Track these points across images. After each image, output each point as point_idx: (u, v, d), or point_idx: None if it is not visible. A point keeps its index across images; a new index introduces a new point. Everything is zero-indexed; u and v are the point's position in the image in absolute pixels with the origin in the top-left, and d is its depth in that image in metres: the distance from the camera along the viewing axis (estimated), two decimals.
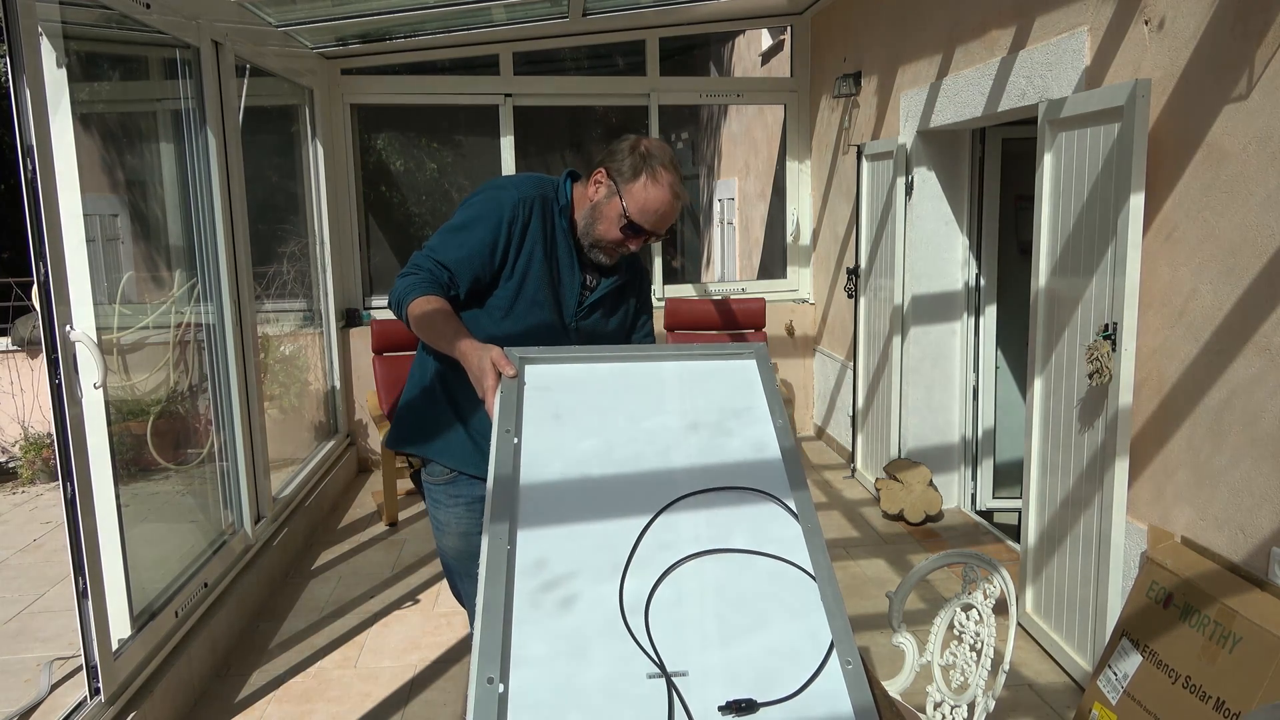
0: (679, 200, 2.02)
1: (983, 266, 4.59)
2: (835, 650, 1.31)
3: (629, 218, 2.01)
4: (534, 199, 2.05)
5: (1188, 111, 2.65)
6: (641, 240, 2.05)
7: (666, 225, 2.04)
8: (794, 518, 1.51)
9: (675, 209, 2.03)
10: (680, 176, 2.04)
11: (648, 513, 1.50)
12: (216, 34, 3.67)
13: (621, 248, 2.07)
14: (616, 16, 5.55)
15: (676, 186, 2.01)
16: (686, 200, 2.07)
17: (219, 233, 3.67)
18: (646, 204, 2.00)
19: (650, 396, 1.73)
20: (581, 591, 1.36)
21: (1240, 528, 2.51)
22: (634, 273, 2.26)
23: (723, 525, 1.49)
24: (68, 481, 2.48)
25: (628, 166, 2.00)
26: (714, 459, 1.61)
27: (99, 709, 2.61)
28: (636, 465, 1.58)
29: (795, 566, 1.43)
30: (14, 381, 6.04)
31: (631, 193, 2.00)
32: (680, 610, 1.35)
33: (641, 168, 1.99)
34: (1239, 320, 2.49)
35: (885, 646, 3.23)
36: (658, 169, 1.99)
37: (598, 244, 2.07)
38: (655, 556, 1.42)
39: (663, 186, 1.99)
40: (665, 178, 1.99)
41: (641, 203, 2.00)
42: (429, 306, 1.91)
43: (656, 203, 2.00)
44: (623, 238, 2.04)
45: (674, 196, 2.01)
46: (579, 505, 1.50)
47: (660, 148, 2.03)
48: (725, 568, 1.42)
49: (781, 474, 1.58)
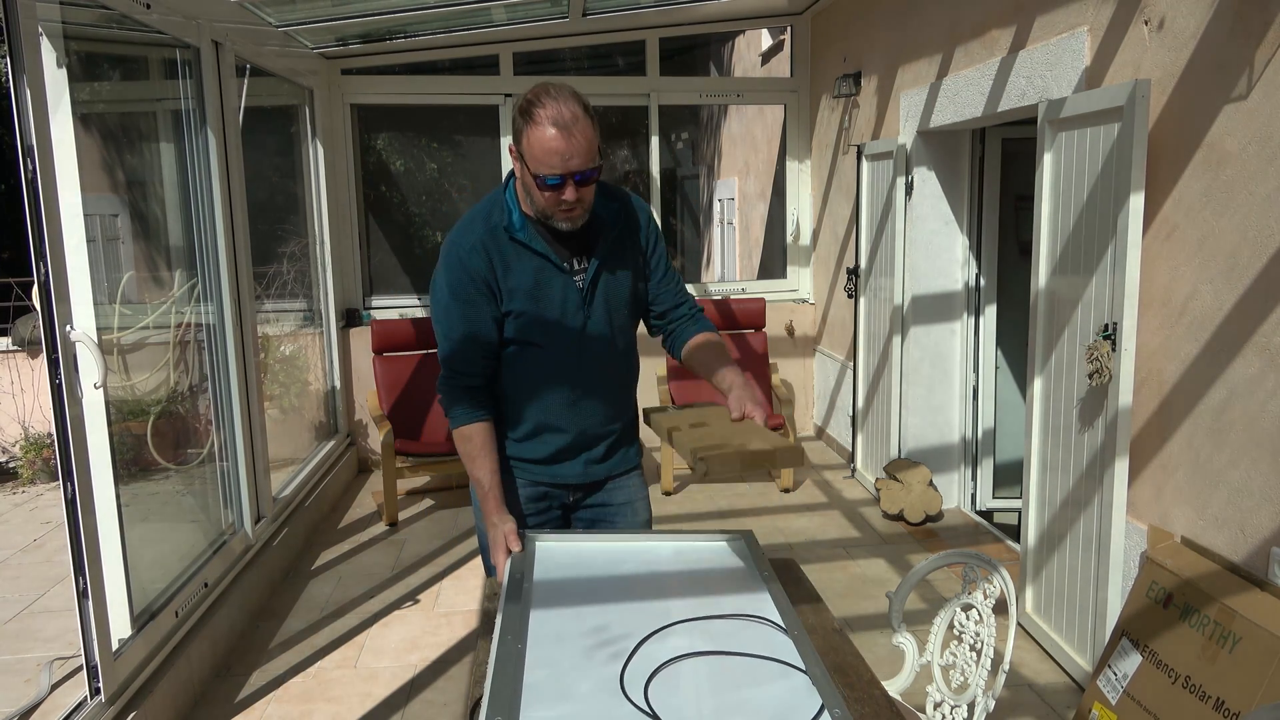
0: (572, 128, 1.79)
1: (983, 266, 4.59)
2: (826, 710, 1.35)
3: (534, 175, 1.85)
4: (480, 241, 1.95)
5: (1188, 111, 2.65)
6: (568, 189, 1.85)
7: (577, 161, 1.82)
8: (783, 632, 1.60)
9: (572, 138, 1.80)
10: (571, 101, 1.82)
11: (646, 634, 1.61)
12: (216, 34, 3.67)
13: (563, 206, 1.88)
14: (616, 16, 5.55)
15: (561, 116, 1.79)
16: (586, 120, 1.82)
17: (219, 233, 3.67)
18: (537, 153, 1.81)
19: (648, 571, 1.90)
20: (582, 680, 1.45)
21: (1240, 528, 2.51)
22: (625, 219, 2.07)
23: (717, 637, 1.59)
24: (68, 481, 2.48)
25: (517, 128, 1.86)
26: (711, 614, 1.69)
27: (99, 709, 2.61)
28: (634, 611, 1.70)
29: (788, 665, 1.48)
30: (14, 381, 6.04)
31: (526, 150, 1.84)
32: (677, 689, 1.42)
33: (522, 122, 1.83)
34: (1239, 320, 2.49)
35: (885, 646, 3.23)
36: (535, 111, 1.80)
37: (544, 215, 1.93)
38: (653, 652, 1.53)
39: (543, 125, 1.79)
40: (545, 114, 1.79)
41: (535, 154, 1.82)
42: (465, 447, 2.05)
43: (543, 146, 1.80)
44: (553, 196, 1.87)
45: (559, 128, 1.79)
46: (580, 632, 1.61)
47: (539, 88, 1.83)
48: (721, 662, 1.50)
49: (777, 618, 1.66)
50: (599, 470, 2.17)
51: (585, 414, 2.10)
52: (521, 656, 1.49)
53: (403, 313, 5.86)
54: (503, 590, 1.73)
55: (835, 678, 1.50)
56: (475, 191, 7.77)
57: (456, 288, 1.95)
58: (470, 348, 1.99)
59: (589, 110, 1.85)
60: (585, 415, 2.10)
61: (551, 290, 1.99)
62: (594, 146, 1.85)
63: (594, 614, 1.65)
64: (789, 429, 5.03)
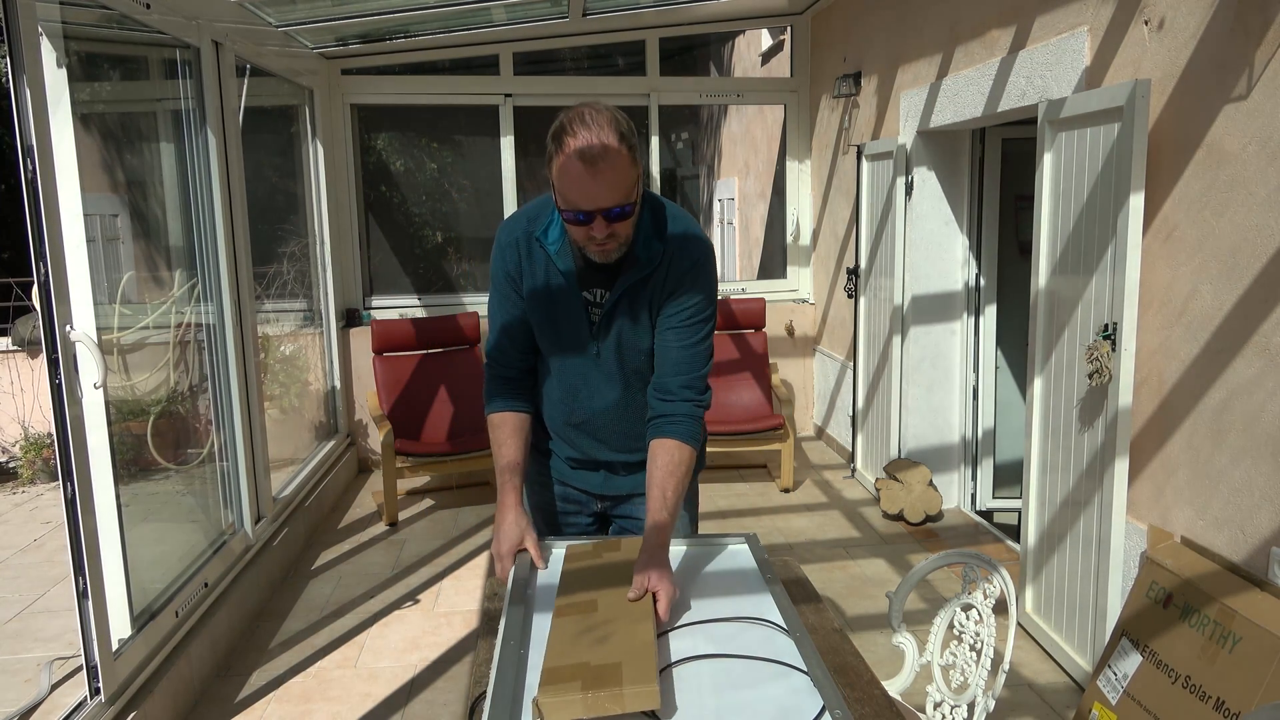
0: (600, 161, 1.60)
1: (983, 266, 4.59)
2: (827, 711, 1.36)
3: (560, 208, 1.70)
4: (517, 239, 1.88)
5: (1188, 111, 2.65)
6: (595, 227, 1.67)
7: (606, 198, 1.63)
8: (785, 633, 1.59)
9: (599, 175, 1.61)
10: (607, 130, 1.62)
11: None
12: (216, 34, 3.67)
13: (593, 242, 1.71)
14: (616, 16, 5.55)
15: (591, 147, 1.60)
16: (620, 151, 1.63)
17: (219, 233, 3.67)
18: (561, 186, 1.66)
19: None
20: None
21: (1240, 528, 2.51)
22: (664, 264, 1.83)
23: (720, 639, 1.58)
24: (68, 481, 2.48)
25: (549, 152, 1.67)
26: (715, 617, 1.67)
27: (99, 709, 2.61)
28: None
29: (790, 666, 1.48)
30: (14, 381, 6.04)
31: (554, 179, 1.67)
32: (679, 691, 1.41)
33: (553, 148, 1.65)
34: (1239, 320, 2.49)
35: (885, 646, 3.23)
36: (565, 139, 1.62)
37: (579, 247, 1.79)
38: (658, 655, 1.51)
39: (568, 156, 1.61)
40: (574, 144, 1.61)
41: (560, 187, 1.66)
42: (491, 434, 1.99)
43: (568, 180, 1.63)
44: (581, 232, 1.71)
45: (586, 163, 1.60)
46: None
47: (576, 111, 1.64)
48: (723, 664, 1.50)
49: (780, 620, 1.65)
50: (622, 484, 2.10)
51: (595, 442, 2.04)
52: (524, 661, 1.49)
53: (403, 313, 5.86)
54: (507, 594, 1.73)
55: (836, 678, 1.50)
56: (475, 191, 7.77)
57: (495, 278, 1.94)
58: (505, 338, 1.96)
59: (628, 138, 1.65)
60: (595, 443, 2.04)
61: (567, 312, 1.89)
62: (628, 181, 1.66)
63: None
64: (789, 429, 5.03)
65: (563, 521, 2.14)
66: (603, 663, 1.37)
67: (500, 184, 5.93)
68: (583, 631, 1.49)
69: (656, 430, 1.89)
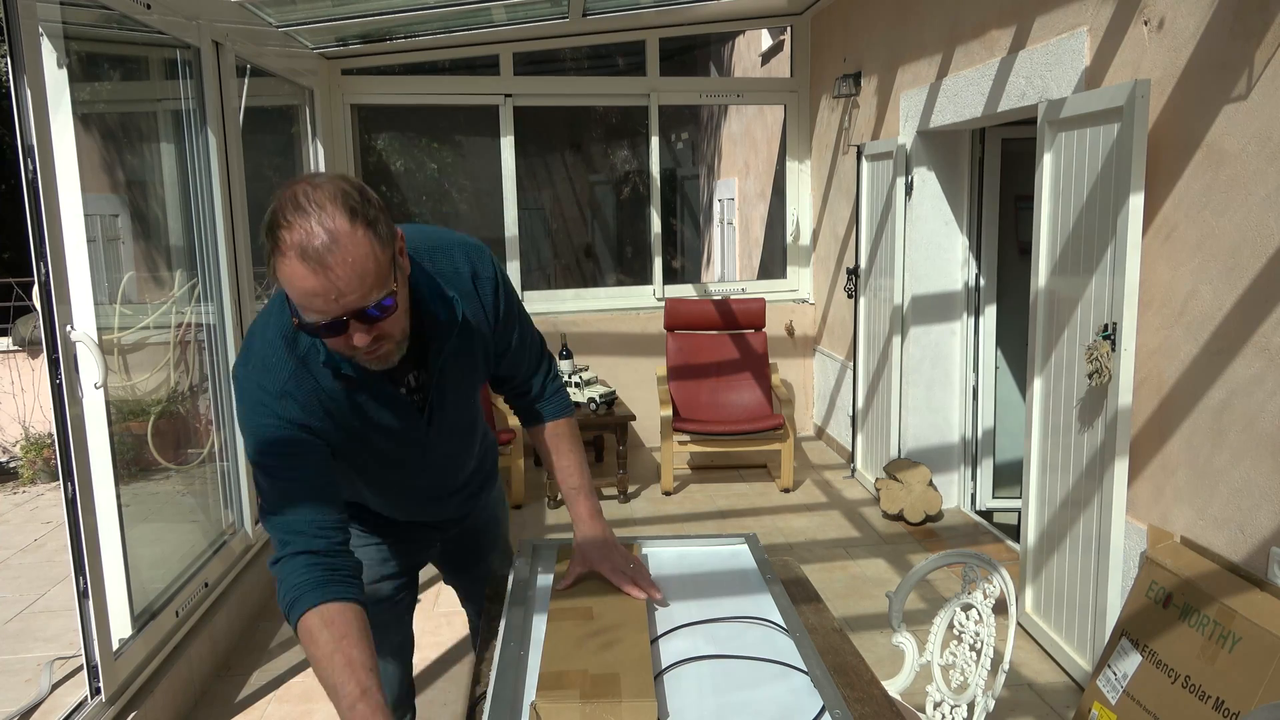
0: (327, 256, 1.23)
1: (983, 266, 4.59)
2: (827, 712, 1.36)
3: (299, 325, 1.34)
4: (285, 381, 1.46)
5: (1187, 111, 2.65)
6: (354, 334, 1.31)
7: (347, 298, 1.26)
8: (785, 633, 1.59)
9: (330, 272, 1.23)
10: (329, 209, 1.24)
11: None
12: (217, 34, 3.67)
13: (360, 354, 1.37)
14: (616, 16, 5.55)
15: (310, 241, 1.22)
16: (355, 232, 1.25)
17: (219, 233, 3.68)
18: (291, 292, 1.28)
19: (652, 574, 1.84)
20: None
21: (1240, 528, 2.51)
22: (470, 311, 1.58)
23: (720, 639, 1.58)
24: (68, 481, 2.48)
25: (265, 252, 1.29)
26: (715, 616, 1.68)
27: (99, 709, 2.61)
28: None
29: (790, 666, 1.48)
30: (14, 381, 6.04)
31: (282, 285, 1.29)
32: (680, 691, 1.42)
33: (269, 247, 1.27)
34: (1239, 320, 2.49)
35: (885, 646, 3.24)
36: (279, 233, 1.24)
37: (344, 361, 1.44)
38: (657, 655, 1.53)
39: (287, 256, 1.24)
40: (290, 239, 1.23)
41: (292, 295, 1.28)
42: (320, 639, 1.36)
43: (293, 286, 1.26)
44: (339, 343, 1.35)
45: (305, 261, 1.23)
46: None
47: (287, 196, 1.26)
48: (723, 664, 1.50)
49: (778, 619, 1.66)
50: (465, 506, 1.98)
51: (447, 496, 1.89)
52: (524, 662, 1.49)
53: None
54: (507, 595, 1.73)
55: (836, 678, 1.50)
56: (475, 192, 7.77)
57: (273, 441, 1.46)
58: (318, 502, 1.47)
59: (362, 211, 1.27)
60: (446, 498, 1.89)
61: (385, 418, 1.57)
62: (377, 269, 1.28)
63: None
64: (789, 429, 5.03)
65: (377, 610, 1.86)
66: (601, 672, 1.38)
67: (500, 184, 5.93)
68: (582, 638, 1.50)
69: (534, 419, 1.87)
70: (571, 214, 11.24)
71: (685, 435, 5.13)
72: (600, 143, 11.88)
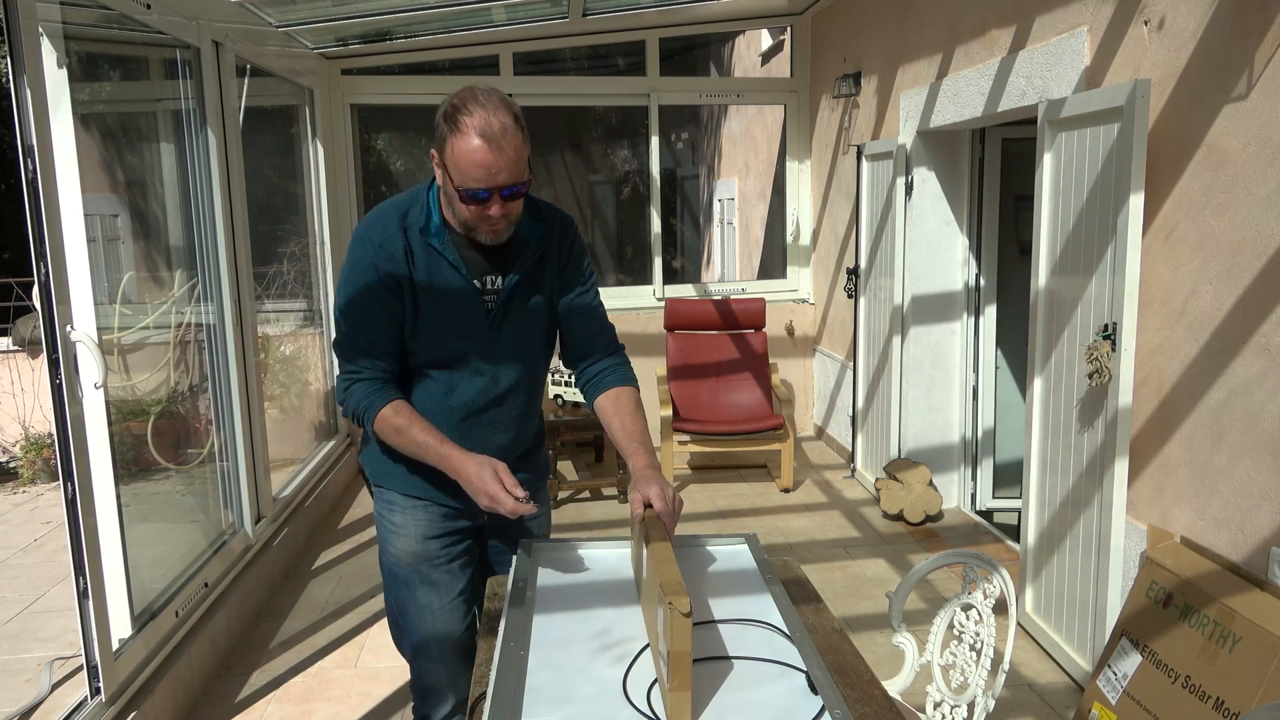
0: (501, 140, 1.68)
1: (983, 266, 4.59)
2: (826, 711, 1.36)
3: (457, 188, 1.74)
4: (390, 236, 1.84)
5: (1188, 111, 2.65)
6: (494, 204, 1.74)
7: (505, 175, 1.70)
8: (785, 634, 1.59)
9: (501, 152, 1.68)
10: (501, 110, 1.69)
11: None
12: (216, 34, 3.67)
13: (488, 221, 1.78)
14: (616, 16, 5.55)
15: (490, 126, 1.67)
16: (516, 131, 1.70)
17: (219, 233, 3.68)
18: (460, 164, 1.70)
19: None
20: (584, 683, 1.44)
21: (1240, 527, 2.51)
22: (550, 242, 1.95)
23: (721, 640, 1.58)
24: (68, 481, 2.48)
25: (441, 134, 1.73)
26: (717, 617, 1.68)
27: (99, 709, 2.61)
28: (638, 615, 1.68)
29: (790, 667, 1.48)
30: (14, 381, 6.04)
31: (449, 160, 1.72)
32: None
33: (446, 129, 1.71)
34: (1239, 320, 2.49)
35: (885, 646, 3.24)
36: (460, 118, 1.69)
37: (467, 228, 1.82)
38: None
39: (468, 135, 1.67)
40: (471, 123, 1.67)
41: (459, 166, 1.70)
42: (399, 421, 1.85)
43: (469, 158, 1.68)
44: (477, 211, 1.76)
45: (486, 140, 1.67)
46: (584, 635, 1.61)
47: (467, 92, 1.72)
48: (723, 664, 1.50)
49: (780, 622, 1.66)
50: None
51: (493, 427, 1.99)
52: (524, 661, 1.49)
53: None
54: (507, 595, 1.73)
55: (836, 678, 1.50)
56: None
57: (358, 280, 1.85)
58: (376, 343, 1.88)
59: (520, 120, 1.73)
60: (493, 429, 1.99)
61: (460, 305, 1.88)
62: (523, 159, 1.74)
63: (597, 618, 1.65)
64: (789, 429, 5.03)
65: (438, 563, 2.03)
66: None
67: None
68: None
69: (599, 386, 2.01)
70: (572, 214, 11.22)
71: (685, 435, 5.13)
72: (600, 143, 11.88)
